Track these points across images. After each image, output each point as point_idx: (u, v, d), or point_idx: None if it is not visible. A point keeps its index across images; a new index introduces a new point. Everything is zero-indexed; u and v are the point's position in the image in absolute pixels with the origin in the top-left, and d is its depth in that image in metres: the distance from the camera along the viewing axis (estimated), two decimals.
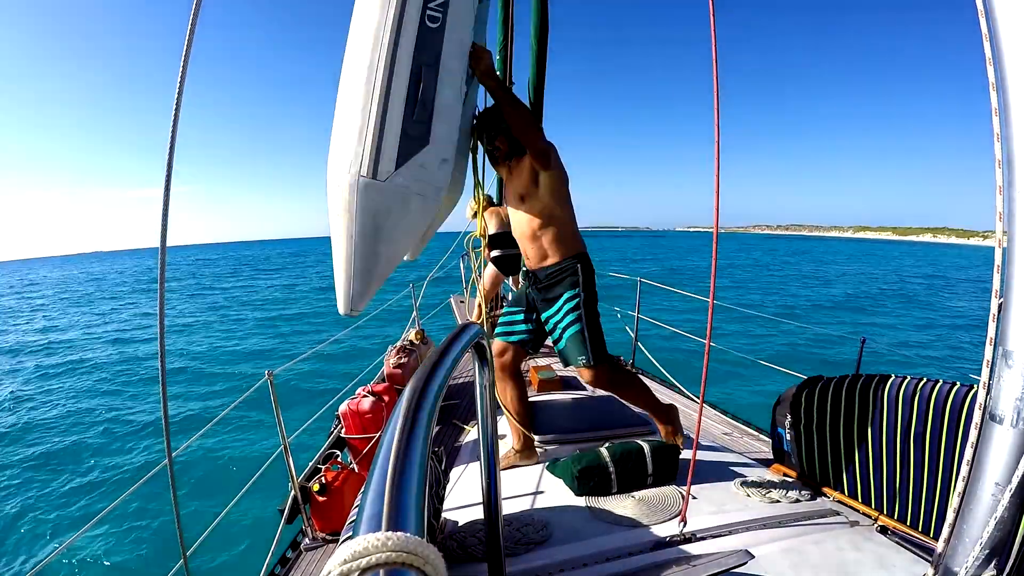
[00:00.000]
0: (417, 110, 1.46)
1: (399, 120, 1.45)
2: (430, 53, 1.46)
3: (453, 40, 1.51)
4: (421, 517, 0.37)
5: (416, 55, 1.44)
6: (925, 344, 12.71)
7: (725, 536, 1.43)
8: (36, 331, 16.82)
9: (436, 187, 1.55)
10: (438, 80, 1.49)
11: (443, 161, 1.55)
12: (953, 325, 15.06)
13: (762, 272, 33.15)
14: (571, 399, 2.71)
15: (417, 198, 1.52)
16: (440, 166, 1.55)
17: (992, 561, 0.91)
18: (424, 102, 1.46)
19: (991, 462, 0.91)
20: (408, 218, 1.53)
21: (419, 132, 1.47)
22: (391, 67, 1.43)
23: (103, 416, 7.80)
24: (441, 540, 1.46)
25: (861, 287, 24.76)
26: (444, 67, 1.49)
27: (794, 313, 16.13)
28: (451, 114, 1.56)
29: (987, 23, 0.86)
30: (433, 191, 1.55)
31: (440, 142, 1.53)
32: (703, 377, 1.47)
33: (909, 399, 1.41)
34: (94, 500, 5.31)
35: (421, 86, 1.46)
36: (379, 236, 1.50)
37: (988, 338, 0.90)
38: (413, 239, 1.62)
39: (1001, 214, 0.88)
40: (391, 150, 1.45)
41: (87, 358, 11.89)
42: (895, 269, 38.72)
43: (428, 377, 0.59)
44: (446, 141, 1.56)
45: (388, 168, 1.45)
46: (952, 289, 25.26)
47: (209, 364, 10.81)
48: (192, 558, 1.61)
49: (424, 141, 1.49)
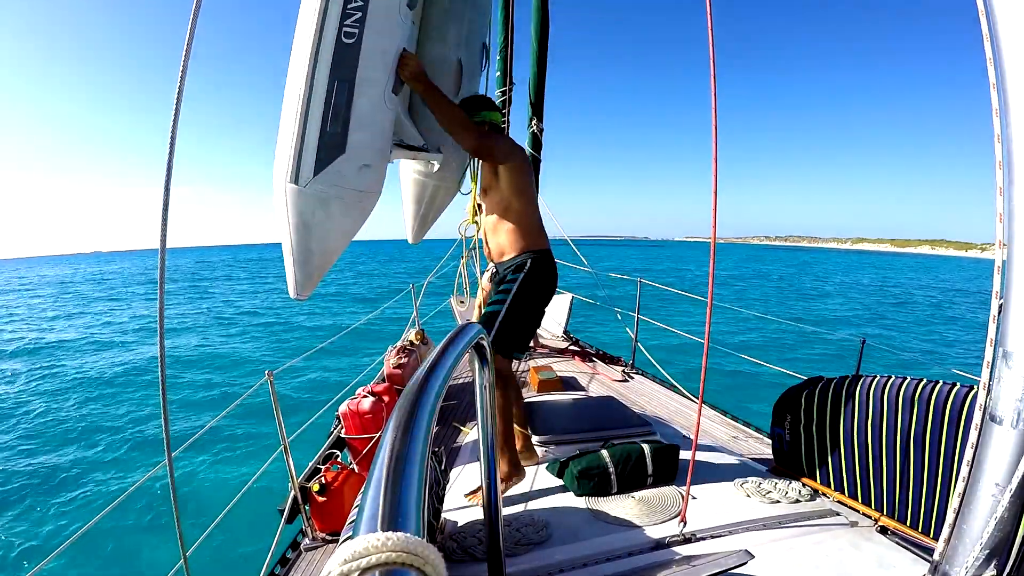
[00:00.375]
0: (331, 122, 1.59)
1: (316, 131, 1.59)
2: (346, 68, 1.57)
3: (372, 52, 1.61)
4: (421, 517, 0.37)
5: (332, 70, 1.57)
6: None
7: (725, 536, 1.43)
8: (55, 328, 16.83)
9: (357, 191, 1.69)
10: (354, 92, 1.60)
11: (363, 167, 1.68)
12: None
13: (786, 288, 31.19)
14: (571, 399, 2.71)
15: (337, 201, 1.65)
16: (360, 171, 1.68)
17: (992, 561, 0.91)
18: (336, 114, 1.58)
19: (991, 463, 0.91)
20: (332, 219, 1.68)
21: (335, 142, 1.60)
22: (310, 83, 1.57)
23: (102, 417, 7.81)
24: (441, 540, 1.46)
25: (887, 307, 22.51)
26: (361, 79, 1.60)
27: (800, 318, 16.10)
28: (371, 122, 1.67)
29: (987, 23, 0.86)
30: (353, 195, 1.68)
31: (358, 149, 1.64)
32: (702, 377, 1.47)
33: (909, 400, 1.41)
34: (94, 500, 5.31)
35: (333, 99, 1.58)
36: (309, 235, 1.67)
37: (988, 339, 0.90)
38: (346, 235, 1.78)
39: (1001, 215, 0.88)
40: (310, 159, 1.59)
41: (86, 360, 11.91)
42: (923, 282, 37.47)
43: (428, 377, 0.59)
44: (367, 148, 1.67)
45: (308, 175, 1.60)
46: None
47: (207, 370, 10.81)
48: (192, 558, 1.61)
49: (340, 150, 1.61)
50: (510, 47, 4.63)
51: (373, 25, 1.59)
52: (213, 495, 5.11)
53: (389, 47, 1.67)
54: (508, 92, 4.77)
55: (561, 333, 5.39)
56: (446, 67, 2.25)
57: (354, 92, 1.60)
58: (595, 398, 2.73)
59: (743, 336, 13.47)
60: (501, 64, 4.72)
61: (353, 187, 1.67)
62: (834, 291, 28.43)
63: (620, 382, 4.03)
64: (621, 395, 3.54)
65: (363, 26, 1.57)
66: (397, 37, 1.70)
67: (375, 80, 1.64)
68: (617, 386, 3.92)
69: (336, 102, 1.58)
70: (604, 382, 4.01)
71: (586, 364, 4.44)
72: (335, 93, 1.57)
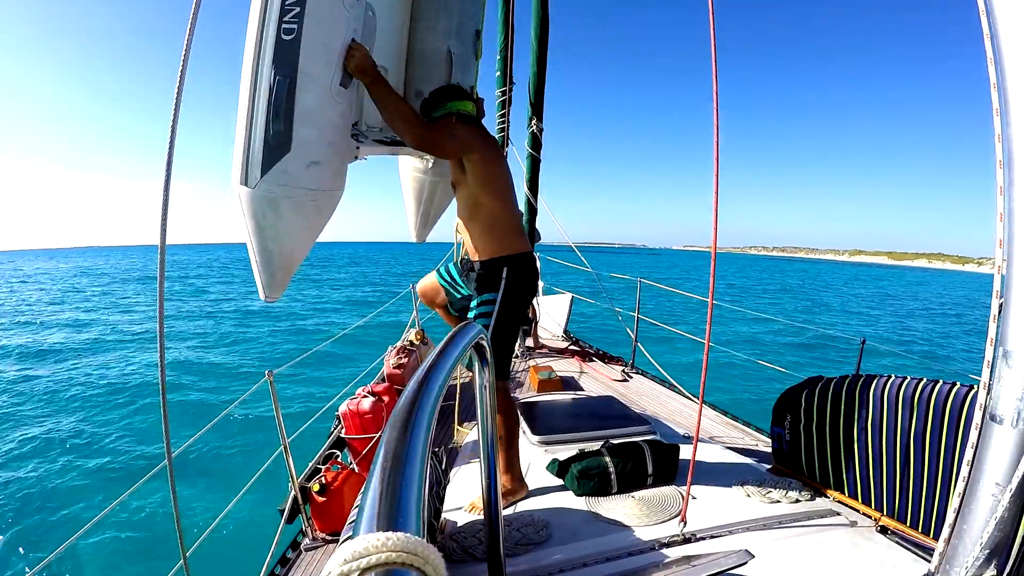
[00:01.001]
0: (273, 120, 1.55)
1: (262, 131, 1.56)
2: (287, 63, 1.54)
3: (313, 46, 1.58)
4: (421, 517, 0.37)
5: (275, 66, 1.54)
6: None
7: (725, 536, 1.43)
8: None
9: (307, 189, 1.65)
10: (296, 88, 1.56)
11: (312, 164, 1.64)
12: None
13: (788, 297, 30.03)
14: (571, 399, 2.71)
15: (286, 201, 1.62)
16: (309, 169, 1.63)
17: (992, 561, 0.91)
18: (277, 112, 1.55)
19: (991, 462, 0.91)
20: (284, 220, 1.64)
21: (279, 140, 1.57)
22: (255, 80, 1.55)
23: (98, 417, 7.81)
24: (441, 540, 1.46)
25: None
26: (304, 74, 1.57)
27: (803, 319, 16.08)
28: (317, 118, 1.64)
29: (988, 23, 0.86)
30: (303, 193, 1.64)
31: (304, 146, 1.60)
32: (702, 377, 1.47)
33: (909, 399, 1.41)
34: (92, 499, 5.31)
35: (273, 96, 1.54)
36: (265, 236, 1.65)
37: (988, 338, 0.90)
38: (306, 234, 1.74)
39: (1001, 214, 0.88)
40: (256, 159, 1.57)
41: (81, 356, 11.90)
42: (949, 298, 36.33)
43: (428, 377, 0.59)
44: (314, 144, 1.63)
45: (255, 175, 1.58)
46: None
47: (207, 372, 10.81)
48: (192, 558, 1.61)
49: (285, 148, 1.58)
50: (510, 47, 4.63)
51: (313, 18, 1.56)
52: (213, 495, 5.11)
53: (332, 40, 1.63)
54: (508, 92, 4.77)
55: (561, 333, 5.39)
56: (437, 58, 2.20)
57: (296, 87, 1.56)
58: (595, 398, 2.73)
59: (743, 336, 13.48)
60: (501, 64, 4.73)
61: (302, 186, 1.63)
62: (835, 302, 28.42)
63: (620, 382, 4.04)
64: (621, 395, 3.54)
65: (302, 20, 1.55)
66: (342, 29, 1.66)
67: (318, 74, 1.61)
68: (617, 386, 3.92)
69: (278, 99, 1.54)
70: (604, 382, 4.01)
71: (586, 364, 4.44)
72: (276, 89, 1.54)
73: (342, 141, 1.78)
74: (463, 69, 2.28)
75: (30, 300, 24.33)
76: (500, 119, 4.87)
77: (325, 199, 1.74)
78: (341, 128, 1.75)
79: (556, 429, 2.24)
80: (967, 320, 22.45)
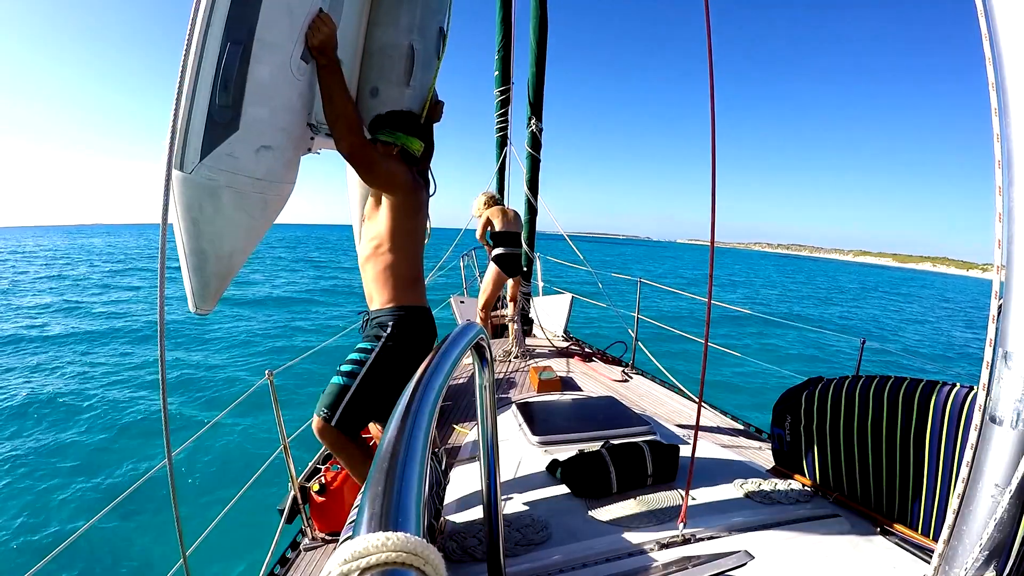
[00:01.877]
0: (220, 93, 1.31)
1: (206, 104, 1.32)
2: (243, 26, 1.29)
3: (274, 9, 1.34)
4: (421, 517, 0.37)
5: (227, 29, 1.29)
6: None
7: (725, 537, 1.43)
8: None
9: (253, 178, 1.41)
10: (251, 56, 1.32)
11: (262, 148, 1.41)
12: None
13: (791, 294, 29.45)
14: (571, 399, 2.71)
15: (228, 191, 1.38)
16: (258, 154, 1.40)
17: (992, 562, 0.91)
18: (226, 83, 1.30)
19: (991, 464, 0.91)
20: (223, 214, 1.40)
21: (226, 118, 1.33)
22: (202, 45, 1.29)
23: (97, 413, 7.81)
24: (441, 540, 1.46)
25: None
26: (260, 40, 1.33)
27: (797, 316, 16.09)
28: (272, 95, 1.40)
29: (987, 23, 0.86)
30: (249, 183, 1.41)
31: (255, 127, 1.38)
32: (702, 377, 1.47)
33: (909, 400, 1.41)
34: (91, 499, 5.31)
35: (223, 64, 1.30)
36: (199, 233, 1.40)
37: (987, 339, 0.90)
38: (248, 233, 1.50)
39: (1000, 215, 0.88)
40: (196, 139, 1.33)
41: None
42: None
43: (428, 377, 0.59)
44: (266, 126, 1.41)
45: (193, 159, 1.34)
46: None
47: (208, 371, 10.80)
48: (192, 558, 1.61)
49: (232, 127, 1.34)
50: (510, 47, 4.64)
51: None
52: (213, 495, 5.11)
53: (297, 4, 1.40)
54: (507, 92, 4.78)
55: (561, 333, 5.39)
56: (396, 53, 2.00)
57: (251, 57, 1.32)
58: (595, 398, 2.73)
59: (743, 336, 13.48)
60: (500, 63, 4.73)
61: (248, 173, 1.39)
62: (839, 300, 28.35)
63: (620, 382, 4.04)
64: (621, 395, 3.54)
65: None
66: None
67: (277, 44, 1.37)
68: (617, 386, 3.92)
69: (228, 67, 1.30)
70: (604, 382, 4.01)
71: (586, 364, 4.44)
72: (227, 56, 1.29)
73: (298, 127, 1.55)
74: (424, 67, 2.10)
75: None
76: (500, 118, 4.88)
77: (274, 193, 1.50)
78: (299, 111, 1.52)
79: (556, 429, 2.24)
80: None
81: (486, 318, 4.81)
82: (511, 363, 4.40)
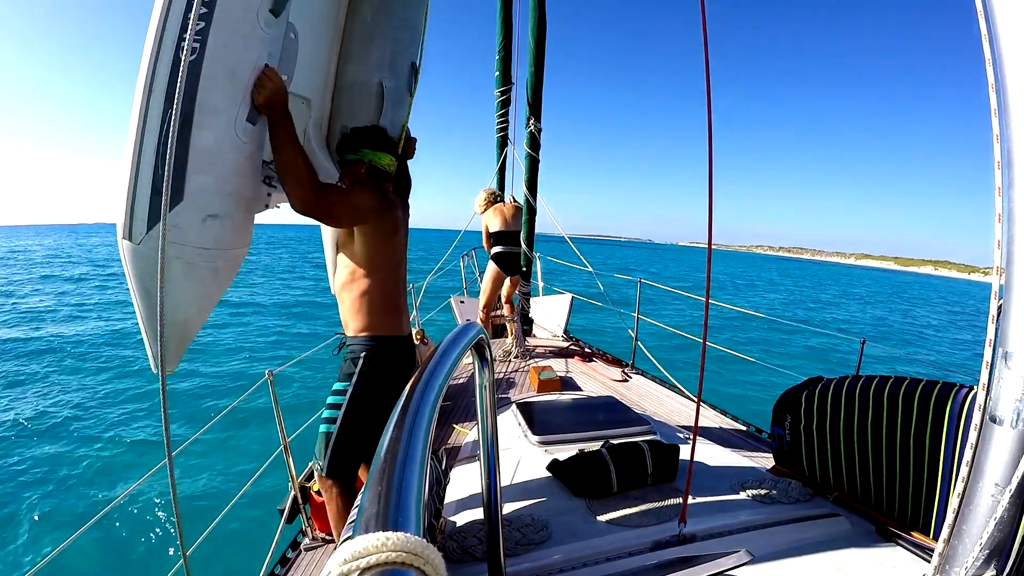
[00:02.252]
0: (160, 163, 1.29)
1: (149, 175, 1.30)
2: (183, 93, 1.25)
3: (217, 72, 1.30)
4: (421, 517, 0.37)
5: (167, 97, 1.26)
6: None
7: (725, 536, 1.44)
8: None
9: (201, 248, 1.37)
10: (192, 123, 1.29)
11: (208, 218, 1.38)
12: None
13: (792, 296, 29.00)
14: (571, 399, 2.71)
15: (176, 262, 1.35)
16: (205, 223, 1.37)
17: (992, 562, 0.91)
18: (167, 153, 1.27)
19: (991, 463, 0.91)
20: (175, 283, 1.36)
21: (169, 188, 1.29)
22: (144, 114, 1.27)
23: (94, 414, 7.81)
24: (441, 540, 1.46)
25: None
26: (201, 106, 1.29)
27: (796, 315, 16.09)
28: (216, 162, 1.37)
29: (987, 23, 0.86)
30: (197, 253, 1.38)
31: (200, 196, 1.35)
32: (700, 377, 1.47)
33: (909, 400, 1.41)
34: (91, 498, 5.31)
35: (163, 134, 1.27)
36: (153, 303, 1.35)
37: (987, 339, 0.91)
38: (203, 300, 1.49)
39: (1000, 215, 0.88)
40: (142, 209, 1.31)
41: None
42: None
43: (428, 377, 0.59)
44: (211, 194, 1.37)
45: (141, 230, 1.32)
46: None
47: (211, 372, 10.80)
48: (192, 558, 1.61)
49: (177, 198, 1.31)
50: (510, 47, 4.65)
51: (220, 36, 1.29)
52: (213, 495, 5.11)
53: (240, 65, 1.36)
54: (508, 92, 4.78)
55: (561, 333, 5.40)
56: (366, 91, 1.96)
57: (192, 124, 1.29)
58: (595, 398, 2.73)
59: (743, 336, 13.48)
60: (500, 64, 4.74)
61: (196, 244, 1.36)
62: (839, 302, 28.23)
63: (620, 382, 4.04)
64: (621, 395, 3.54)
65: (206, 38, 1.27)
66: (254, 51, 1.39)
67: (219, 108, 1.34)
68: (617, 386, 3.92)
69: (167, 138, 1.25)
70: (604, 382, 4.01)
71: (586, 364, 4.44)
72: (167, 125, 1.25)
73: (247, 189, 1.51)
74: (395, 105, 2.04)
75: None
76: (501, 119, 4.89)
77: (224, 260, 1.48)
78: (247, 173, 1.48)
79: (556, 429, 2.24)
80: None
81: (487, 318, 4.82)
82: (511, 363, 4.40)
